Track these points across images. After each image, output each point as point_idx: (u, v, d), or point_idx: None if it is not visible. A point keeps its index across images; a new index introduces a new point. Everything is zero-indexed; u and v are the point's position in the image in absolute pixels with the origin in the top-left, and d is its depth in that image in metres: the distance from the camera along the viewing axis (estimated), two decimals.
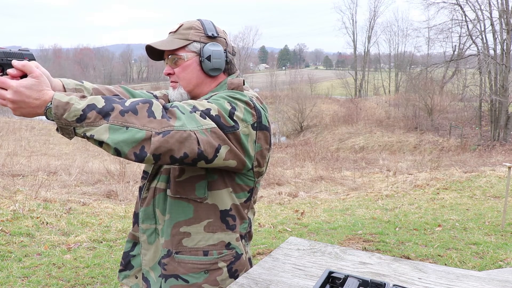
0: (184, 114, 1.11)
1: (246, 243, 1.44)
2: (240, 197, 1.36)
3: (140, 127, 1.03)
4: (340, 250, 1.42)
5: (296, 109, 30.27)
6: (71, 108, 1.02)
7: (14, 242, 4.16)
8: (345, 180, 9.94)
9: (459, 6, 23.04)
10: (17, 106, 1.06)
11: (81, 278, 3.50)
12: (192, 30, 1.36)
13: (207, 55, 1.34)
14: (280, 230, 5.27)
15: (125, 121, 1.03)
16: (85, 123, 1.03)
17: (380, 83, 48.34)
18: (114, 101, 1.06)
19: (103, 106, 1.04)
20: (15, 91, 1.04)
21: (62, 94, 1.05)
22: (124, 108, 1.05)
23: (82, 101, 1.04)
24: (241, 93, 1.30)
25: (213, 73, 1.37)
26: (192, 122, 1.11)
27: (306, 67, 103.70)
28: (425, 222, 5.75)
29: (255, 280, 1.20)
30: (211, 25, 1.39)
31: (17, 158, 11.05)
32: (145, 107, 1.06)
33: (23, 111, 1.07)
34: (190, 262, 1.31)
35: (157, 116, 1.06)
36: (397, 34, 55.49)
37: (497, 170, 10.00)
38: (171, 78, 1.39)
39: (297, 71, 60.74)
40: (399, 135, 23.91)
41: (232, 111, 1.22)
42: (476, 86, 23.79)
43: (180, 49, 1.35)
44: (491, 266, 4.07)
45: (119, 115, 1.03)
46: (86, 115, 1.02)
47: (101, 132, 1.02)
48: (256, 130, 1.28)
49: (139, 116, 1.04)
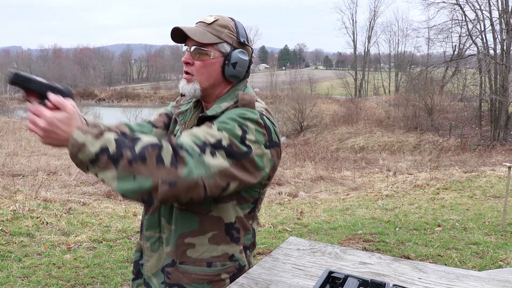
0: (193, 157, 1.12)
1: (250, 253, 1.44)
2: (244, 209, 1.35)
3: (147, 175, 1.07)
4: (340, 250, 1.42)
5: (296, 109, 30.26)
6: (86, 150, 1.08)
7: (14, 242, 4.15)
8: (345, 180, 9.94)
9: (459, 6, 23.05)
10: (47, 135, 1.11)
11: (81, 278, 3.49)
12: (226, 30, 1.32)
13: (233, 61, 1.31)
14: (280, 230, 5.27)
15: (133, 171, 1.07)
16: (96, 166, 1.08)
17: (380, 83, 48.35)
18: (125, 146, 1.09)
19: (114, 152, 1.08)
20: (48, 121, 1.10)
21: (80, 133, 1.09)
22: (133, 156, 1.07)
23: (97, 143, 1.08)
24: (252, 111, 1.27)
25: (232, 79, 1.35)
26: (200, 167, 1.12)
27: (306, 67, 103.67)
28: (425, 222, 5.74)
29: (255, 280, 1.20)
30: (243, 30, 1.36)
31: (17, 158, 11.05)
32: (154, 153, 1.09)
33: (51, 141, 1.12)
34: (194, 272, 1.32)
35: (165, 163, 1.08)
36: (397, 34, 55.35)
37: (497, 170, 10.01)
38: (187, 69, 1.34)
39: (297, 71, 60.80)
40: (399, 135, 23.89)
41: (244, 135, 1.21)
42: (476, 86, 23.78)
43: (210, 45, 1.30)
44: (491, 266, 4.07)
45: (127, 165, 1.07)
46: (99, 159, 1.08)
47: (110, 178, 1.08)
48: (269, 148, 1.27)
49: (147, 164, 1.07)
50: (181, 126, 1.43)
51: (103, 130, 1.12)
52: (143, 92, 51.07)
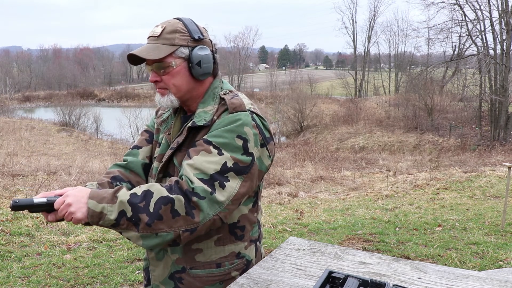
0: (206, 200, 1.17)
1: (260, 244, 1.47)
2: (247, 204, 1.37)
3: (168, 230, 1.15)
4: (340, 250, 1.42)
5: (296, 109, 30.27)
6: (105, 218, 1.15)
7: (14, 242, 4.15)
8: (345, 180, 9.94)
9: (459, 6, 23.05)
10: (77, 208, 1.17)
11: (81, 278, 3.49)
12: (177, 34, 1.29)
13: (196, 61, 1.29)
14: (280, 230, 5.27)
15: (153, 230, 1.15)
16: (119, 228, 1.17)
17: (380, 83, 48.35)
18: (139, 210, 1.15)
19: (131, 216, 1.15)
20: (69, 195, 1.19)
21: (95, 202, 1.16)
22: (150, 217, 1.14)
23: (114, 210, 1.15)
24: (244, 114, 1.27)
25: (202, 77, 1.34)
26: (214, 207, 1.18)
27: (306, 67, 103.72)
28: (425, 222, 5.74)
29: (255, 280, 1.20)
30: (194, 25, 1.33)
31: (17, 158, 11.06)
32: (168, 209, 1.15)
33: (82, 212, 1.17)
34: (205, 275, 1.34)
35: (181, 213, 1.15)
36: (397, 34, 55.42)
37: (497, 170, 10.01)
38: (158, 86, 1.34)
39: (297, 71, 60.77)
40: (399, 135, 23.90)
41: (245, 144, 1.24)
42: (476, 86, 23.78)
43: (168, 56, 1.28)
44: (491, 266, 4.07)
45: (146, 227, 1.14)
46: (119, 223, 1.15)
47: (134, 238, 1.16)
48: (264, 146, 1.30)
49: (164, 220, 1.14)
50: (165, 134, 1.43)
51: (115, 192, 1.17)
52: (143, 92, 51.07)
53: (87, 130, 30.63)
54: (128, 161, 1.48)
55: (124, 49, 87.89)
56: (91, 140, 25.07)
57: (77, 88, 53.34)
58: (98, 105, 43.44)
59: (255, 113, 1.30)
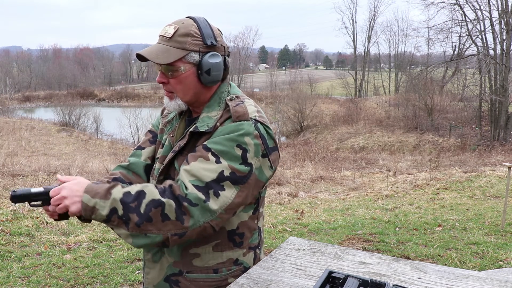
0: (198, 207, 1.16)
1: (260, 251, 1.45)
2: (247, 211, 1.36)
3: (157, 232, 1.16)
4: (340, 250, 1.42)
5: (296, 109, 30.28)
6: (97, 213, 1.18)
7: (14, 242, 4.16)
8: (345, 180, 9.94)
9: (459, 6, 23.06)
10: (72, 202, 1.19)
11: (81, 278, 3.49)
12: (189, 38, 1.25)
13: (206, 69, 1.26)
14: (280, 230, 5.27)
15: (142, 230, 1.16)
16: (110, 224, 1.19)
17: (380, 83, 48.37)
18: (130, 210, 1.16)
19: (122, 214, 1.16)
20: (66, 187, 1.21)
21: (89, 197, 1.18)
22: (139, 218, 1.15)
23: (106, 205, 1.17)
24: (247, 123, 1.24)
25: (211, 84, 1.32)
26: (206, 214, 1.17)
27: (306, 67, 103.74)
28: (425, 222, 5.74)
29: (255, 280, 1.20)
30: (208, 28, 1.28)
31: (17, 158, 11.06)
32: (158, 212, 1.15)
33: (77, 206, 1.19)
34: (202, 280, 1.33)
35: (171, 218, 1.16)
36: (397, 34, 55.48)
37: (497, 170, 10.01)
38: (166, 88, 1.32)
39: (297, 71, 60.82)
40: (399, 135, 23.91)
41: (244, 154, 1.21)
42: (476, 86, 23.80)
43: (177, 60, 1.25)
44: (491, 266, 4.07)
45: (136, 227, 1.16)
46: (110, 219, 1.17)
47: (124, 235, 1.18)
48: (266, 156, 1.27)
49: (154, 222, 1.15)
50: (169, 135, 1.42)
51: (110, 188, 1.19)
52: (143, 92, 51.12)
53: (87, 130, 30.65)
54: (130, 162, 1.48)
55: (124, 49, 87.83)
56: (91, 140, 25.08)
57: (77, 88, 53.35)
58: (98, 105, 43.45)
59: (259, 122, 1.27)
